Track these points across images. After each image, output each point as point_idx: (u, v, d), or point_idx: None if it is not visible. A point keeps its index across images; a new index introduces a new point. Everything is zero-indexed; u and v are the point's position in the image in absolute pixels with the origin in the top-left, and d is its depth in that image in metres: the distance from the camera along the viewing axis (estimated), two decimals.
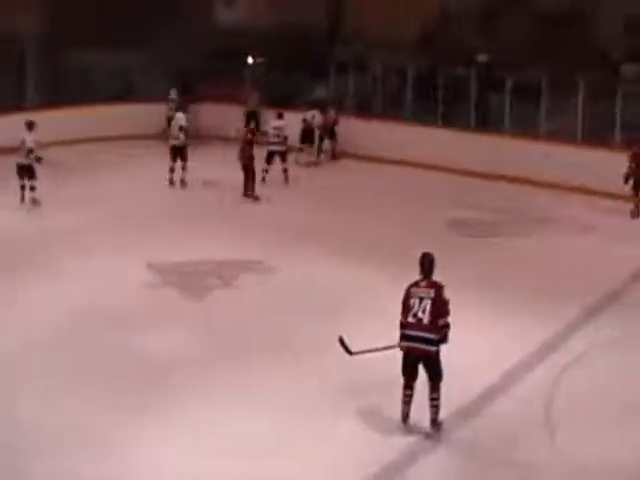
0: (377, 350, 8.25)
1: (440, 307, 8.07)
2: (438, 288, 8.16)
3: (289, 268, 12.62)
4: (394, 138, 19.44)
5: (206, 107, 21.89)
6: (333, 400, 8.73)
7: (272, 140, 18.08)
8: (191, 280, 12.30)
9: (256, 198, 16.60)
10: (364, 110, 21.09)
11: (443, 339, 8.10)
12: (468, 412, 8.66)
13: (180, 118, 17.75)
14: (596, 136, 17.48)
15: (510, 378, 9.39)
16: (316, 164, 20.21)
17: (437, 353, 8.11)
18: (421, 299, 8.10)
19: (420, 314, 8.05)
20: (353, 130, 20.21)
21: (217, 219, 15.14)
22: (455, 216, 15.63)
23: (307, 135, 20.35)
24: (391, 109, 20.84)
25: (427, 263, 8.30)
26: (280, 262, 12.84)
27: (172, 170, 17.29)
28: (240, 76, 23.39)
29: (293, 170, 18.45)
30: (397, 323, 8.23)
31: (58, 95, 21.61)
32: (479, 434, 8.29)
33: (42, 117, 17.02)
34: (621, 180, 15.38)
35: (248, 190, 16.70)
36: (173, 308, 11.32)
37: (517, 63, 19.10)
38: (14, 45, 21.61)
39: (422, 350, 8.07)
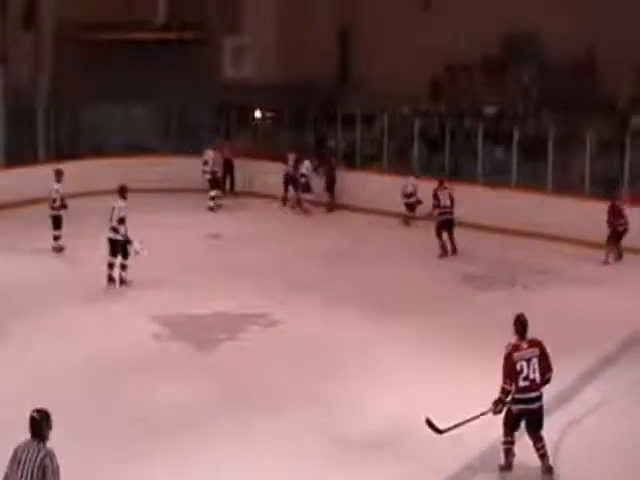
0: (468, 421, 8.27)
1: (547, 362, 8.25)
2: (540, 345, 8.29)
3: (296, 321, 12.55)
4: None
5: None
6: (340, 454, 8.62)
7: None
8: (197, 333, 12.22)
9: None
10: (367, 161, 21.27)
11: None
12: (475, 466, 8.56)
13: (120, 208, 14.25)
14: (603, 189, 17.42)
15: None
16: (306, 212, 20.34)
17: (542, 406, 8.26)
18: (528, 360, 8.19)
19: (532, 375, 8.17)
20: (358, 182, 20.32)
21: (222, 271, 15.10)
22: (464, 270, 15.54)
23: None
24: (399, 161, 20.89)
25: (522, 324, 8.34)
26: (286, 315, 12.76)
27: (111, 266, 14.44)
28: (247, 131, 23.62)
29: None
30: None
31: (67, 149, 21.87)
32: None
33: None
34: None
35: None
36: (179, 360, 11.25)
37: (524, 114, 19.15)
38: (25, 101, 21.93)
39: (535, 408, 8.22)
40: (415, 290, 14.30)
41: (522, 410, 8.20)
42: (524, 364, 8.14)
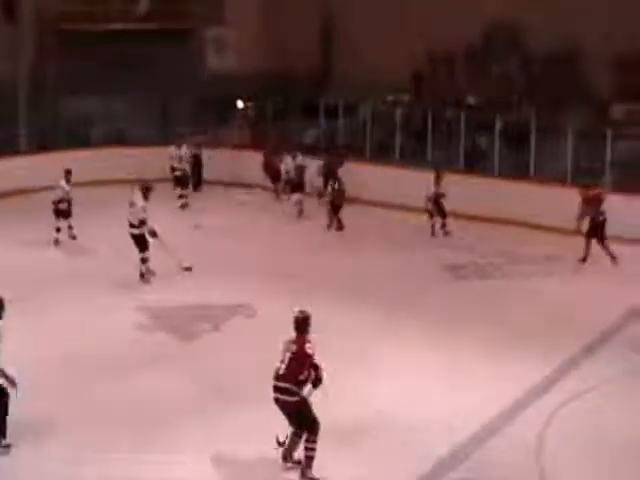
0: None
1: (297, 366, 8.00)
2: (298, 344, 8.11)
3: (278, 311, 12.54)
4: (384, 181, 19.46)
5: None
6: (324, 445, 8.62)
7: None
8: (181, 324, 12.23)
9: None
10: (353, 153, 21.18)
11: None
12: (459, 456, 8.56)
13: (143, 208, 14.14)
14: (586, 178, 17.50)
15: (502, 419, 9.31)
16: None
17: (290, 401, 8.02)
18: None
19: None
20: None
21: (208, 262, 15.09)
22: (449, 259, 15.59)
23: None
24: (381, 152, 20.90)
25: (296, 320, 8.23)
26: (268, 305, 12.77)
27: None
28: (230, 121, 23.56)
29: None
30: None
31: (49, 140, 21.77)
32: (472, 475, 8.23)
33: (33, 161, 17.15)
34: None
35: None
36: (163, 351, 11.25)
37: (506, 104, 19.20)
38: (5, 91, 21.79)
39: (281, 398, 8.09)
40: (404, 282, 14.31)
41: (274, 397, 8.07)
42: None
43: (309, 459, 8.04)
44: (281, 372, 8.02)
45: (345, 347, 10.98)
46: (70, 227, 16.32)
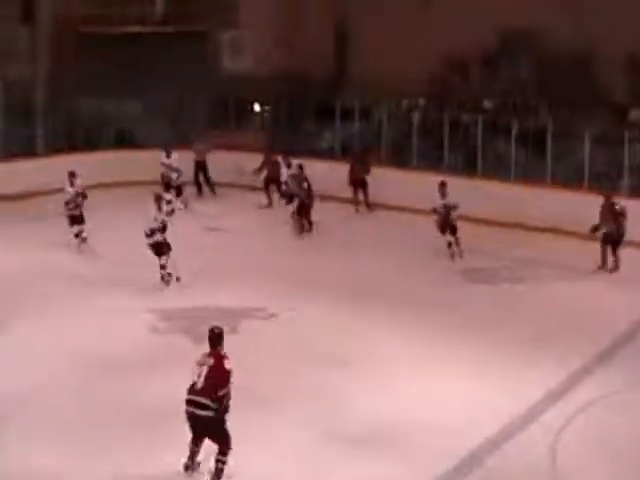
0: None
1: (216, 380, 7.92)
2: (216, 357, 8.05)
3: (296, 314, 12.59)
4: (400, 186, 19.37)
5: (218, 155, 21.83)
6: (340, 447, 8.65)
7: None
8: (196, 326, 12.22)
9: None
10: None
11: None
12: (471, 462, 8.52)
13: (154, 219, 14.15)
14: (604, 182, 17.39)
15: (517, 425, 9.26)
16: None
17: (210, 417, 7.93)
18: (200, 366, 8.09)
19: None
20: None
21: (223, 265, 15.09)
22: (467, 264, 15.50)
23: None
24: (397, 156, 20.83)
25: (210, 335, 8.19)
26: (286, 308, 12.78)
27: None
28: (246, 124, 23.57)
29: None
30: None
31: (66, 142, 21.87)
32: None
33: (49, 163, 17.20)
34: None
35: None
36: (178, 354, 11.25)
37: (522, 108, 19.10)
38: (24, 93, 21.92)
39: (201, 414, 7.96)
40: (418, 285, 14.26)
41: (187, 412, 8.01)
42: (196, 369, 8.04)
43: (220, 471, 7.99)
44: (199, 386, 7.94)
45: (362, 349, 10.98)
46: (80, 232, 16.07)
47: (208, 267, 14.74)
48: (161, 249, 14.01)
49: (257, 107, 23.94)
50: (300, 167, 18.25)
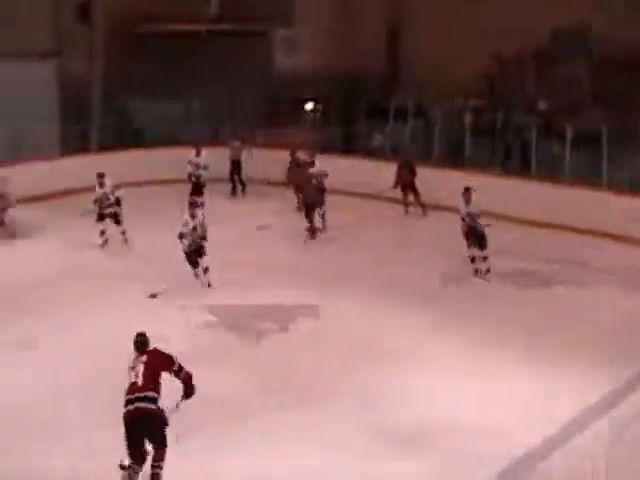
0: None
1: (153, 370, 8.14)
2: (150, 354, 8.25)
3: (343, 313, 12.54)
4: (451, 185, 19.15)
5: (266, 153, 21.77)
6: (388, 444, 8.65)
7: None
8: (244, 323, 12.27)
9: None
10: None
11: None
12: (518, 469, 8.42)
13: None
14: None
15: (566, 433, 9.08)
16: None
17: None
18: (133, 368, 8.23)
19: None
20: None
21: (271, 263, 15.08)
22: (513, 265, 15.23)
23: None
24: (449, 156, 20.65)
25: (136, 343, 8.36)
26: (334, 307, 12.75)
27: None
28: (298, 123, 23.56)
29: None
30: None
31: (119, 140, 22.13)
32: None
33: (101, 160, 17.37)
34: None
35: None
36: (225, 351, 11.34)
37: (575, 109, 18.80)
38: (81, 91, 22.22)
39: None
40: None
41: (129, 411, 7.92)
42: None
43: (158, 476, 7.90)
44: (139, 384, 8.01)
45: (413, 346, 11.10)
46: (103, 232, 16.18)
47: (259, 265, 14.74)
48: (195, 255, 13.89)
49: (309, 105, 23.91)
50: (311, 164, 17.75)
